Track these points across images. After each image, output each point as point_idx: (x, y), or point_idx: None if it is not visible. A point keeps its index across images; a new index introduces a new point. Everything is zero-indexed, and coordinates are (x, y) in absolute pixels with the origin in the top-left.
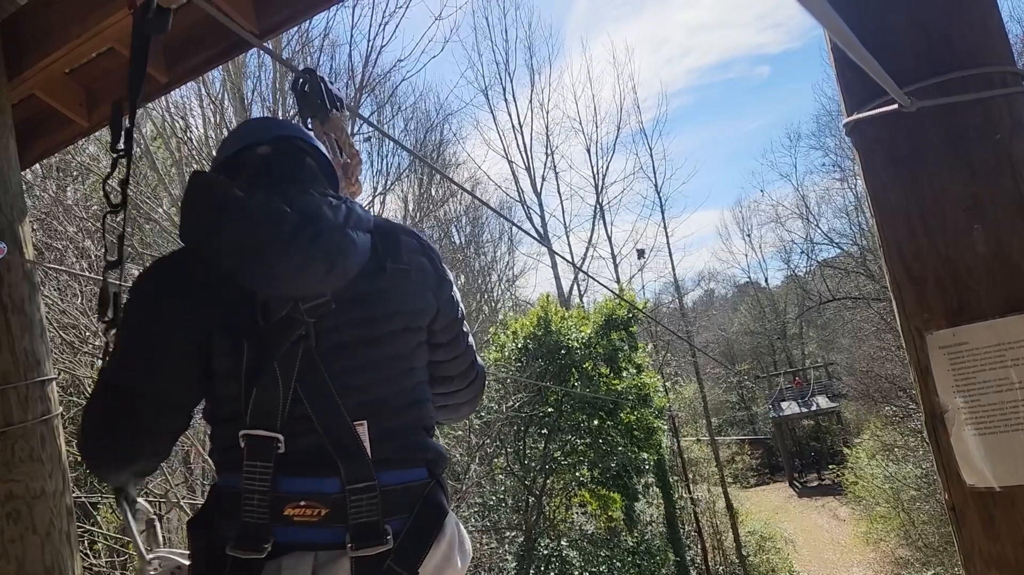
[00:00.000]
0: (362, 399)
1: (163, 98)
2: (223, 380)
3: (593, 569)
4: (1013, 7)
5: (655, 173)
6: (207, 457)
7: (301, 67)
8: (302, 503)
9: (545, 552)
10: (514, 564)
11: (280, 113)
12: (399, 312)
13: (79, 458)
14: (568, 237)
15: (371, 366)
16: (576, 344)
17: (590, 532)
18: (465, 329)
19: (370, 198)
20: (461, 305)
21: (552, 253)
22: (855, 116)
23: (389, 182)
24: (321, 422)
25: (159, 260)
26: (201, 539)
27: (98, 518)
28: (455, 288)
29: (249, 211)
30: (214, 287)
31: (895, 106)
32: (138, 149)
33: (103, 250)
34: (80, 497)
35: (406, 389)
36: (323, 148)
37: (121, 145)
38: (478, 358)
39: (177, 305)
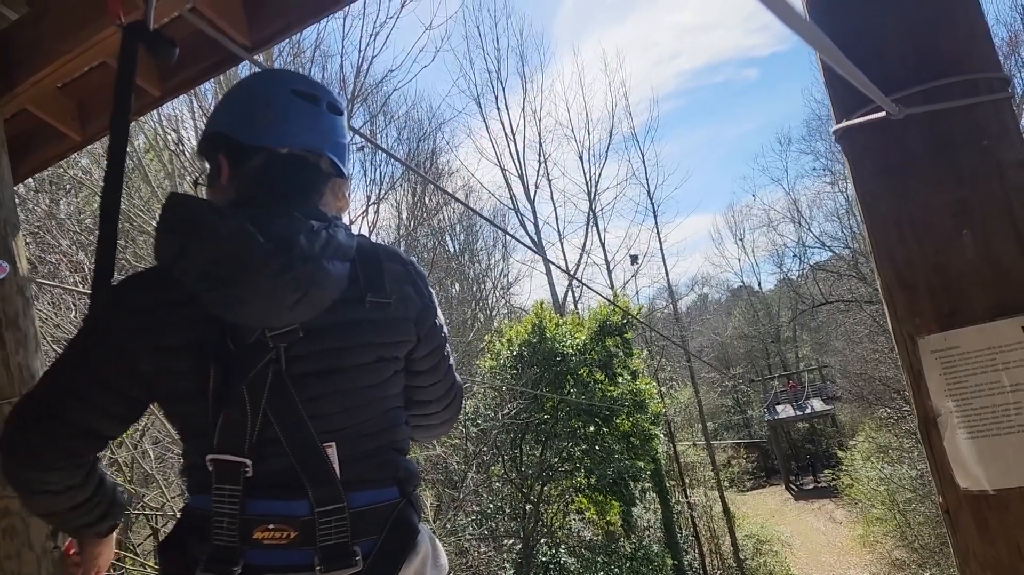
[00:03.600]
0: (331, 424)
1: (155, 111)
2: (188, 401)
3: None
4: (999, 10)
5: (647, 179)
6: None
7: None
8: (271, 526)
9: (543, 559)
10: (512, 572)
11: None
12: (373, 344)
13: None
14: (562, 244)
15: (341, 394)
16: (571, 351)
17: (588, 538)
18: (446, 352)
19: (363, 207)
20: (445, 329)
21: (547, 262)
22: (844, 124)
23: (383, 191)
24: (290, 445)
25: (130, 277)
26: (174, 564)
27: None
28: (439, 314)
29: (220, 237)
30: (184, 307)
31: (883, 114)
32: (131, 162)
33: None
34: None
35: (377, 415)
36: (348, 147)
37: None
38: (457, 377)
39: (136, 328)
